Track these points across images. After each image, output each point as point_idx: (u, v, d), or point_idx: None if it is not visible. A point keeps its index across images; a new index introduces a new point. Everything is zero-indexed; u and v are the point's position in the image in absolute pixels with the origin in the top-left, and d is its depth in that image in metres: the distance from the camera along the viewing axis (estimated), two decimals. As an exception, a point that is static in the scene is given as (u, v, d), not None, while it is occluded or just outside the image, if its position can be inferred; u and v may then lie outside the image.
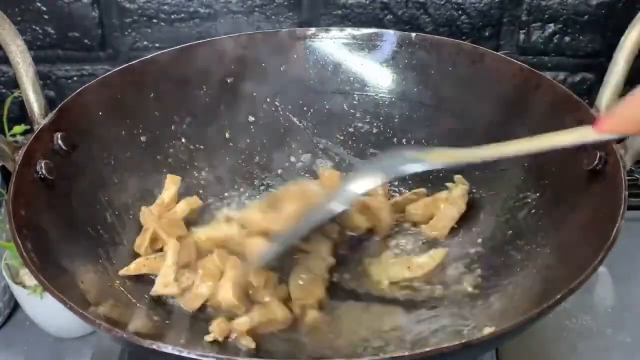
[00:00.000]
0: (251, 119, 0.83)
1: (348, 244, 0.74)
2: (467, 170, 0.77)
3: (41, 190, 0.63)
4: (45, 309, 0.76)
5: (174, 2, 0.94)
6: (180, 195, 0.77)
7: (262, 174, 0.83)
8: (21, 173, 0.61)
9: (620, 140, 0.62)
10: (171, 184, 0.76)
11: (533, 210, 0.69)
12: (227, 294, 0.63)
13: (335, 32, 0.83)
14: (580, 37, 0.95)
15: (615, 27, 0.94)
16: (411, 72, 0.81)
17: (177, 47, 0.80)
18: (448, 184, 0.76)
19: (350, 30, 0.83)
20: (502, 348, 0.73)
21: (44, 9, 0.95)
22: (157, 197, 0.75)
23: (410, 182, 0.80)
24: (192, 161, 0.80)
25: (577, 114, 0.66)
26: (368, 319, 0.65)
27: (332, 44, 0.83)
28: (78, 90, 0.71)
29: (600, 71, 0.85)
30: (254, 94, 0.83)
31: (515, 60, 0.75)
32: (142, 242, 0.69)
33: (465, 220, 0.75)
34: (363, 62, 0.83)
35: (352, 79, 0.83)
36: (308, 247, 0.68)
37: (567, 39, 0.96)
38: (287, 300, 0.65)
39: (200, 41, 0.81)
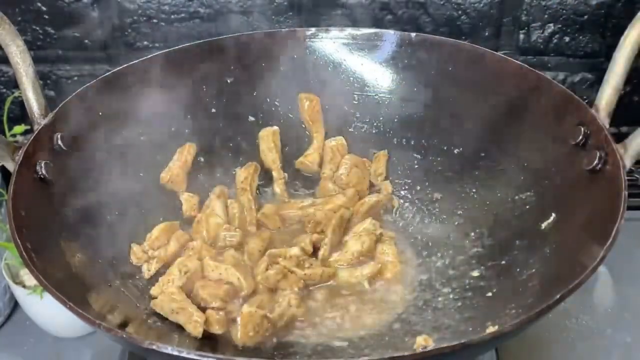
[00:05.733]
0: (251, 119, 0.83)
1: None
2: (467, 171, 0.77)
3: (41, 190, 0.63)
4: (45, 309, 0.76)
5: (174, 2, 0.94)
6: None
7: (261, 173, 0.83)
8: (21, 173, 0.61)
9: (620, 140, 0.62)
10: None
11: (533, 211, 0.69)
12: None
13: (335, 32, 0.83)
14: (580, 37, 0.95)
15: (615, 27, 0.94)
16: (411, 72, 0.81)
17: (177, 47, 0.80)
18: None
19: (350, 30, 0.83)
20: (502, 348, 0.73)
21: (44, 9, 0.95)
22: (156, 198, 0.76)
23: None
24: (192, 160, 0.80)
25: (577, 113, 0.66)
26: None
27: (332, 44, 0.83)
28: (78, 90, 0.71)
29: (600, 71, 0.85)
30: (254, 94, 0.83)
31: (515, 60, 0.75)
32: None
33: (465, 219, 0.75)
34: (363, 62, 0.83)
35: (352, 79, 0.83)
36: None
37: (566, 39, 0.96)
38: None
39: (200, 41, 0.81)
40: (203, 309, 0.64)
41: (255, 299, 0.66)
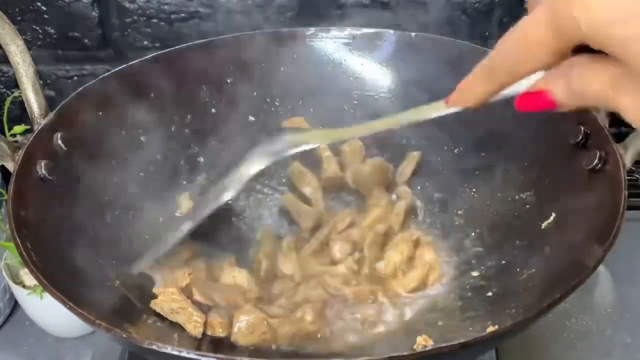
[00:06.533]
0: (251, 119, 0.83)
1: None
2: (467, 171, 0.77)
3: (41, 190, 0.63)
4: (45, 309, 0.76)
5: (174, 2, 0.94)
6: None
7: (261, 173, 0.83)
8: (21, 173, 0.61)
9: (620, 140, 0.62)
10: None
11: (533, 211, 0.69)
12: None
13: (335, 32, 0.83)
14: (580, 37, 0.95)
15: (615, 27, 0.94)
16: (411, 72, 0.81)
17: (177, 47, 0.80)
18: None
19: (350, 30, 0.83)
20: (502, 348, 0.73)
21: (44, 9, 0.95)
22: (156, 198, 0.76)
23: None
24: (192, 161, 0.80)
25: (576, 113, 0.66)
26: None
27: (332, 44, 0.83)
28: (78, 90, 0.71)
29: (600, 71, 0.84)
30: (254, 94, 0.83)
31: (515, 60, 0.75)
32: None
33: (465, 219, 0.75)
34: (363, 62, 0.83)
35: (352, 79, 0.83)
36: None
37: (567, 38, 0.96)
38: None
39: (200, 41, 0.81)
40: (204, 311, 0.64)
41: (260, 302, 0.66)
